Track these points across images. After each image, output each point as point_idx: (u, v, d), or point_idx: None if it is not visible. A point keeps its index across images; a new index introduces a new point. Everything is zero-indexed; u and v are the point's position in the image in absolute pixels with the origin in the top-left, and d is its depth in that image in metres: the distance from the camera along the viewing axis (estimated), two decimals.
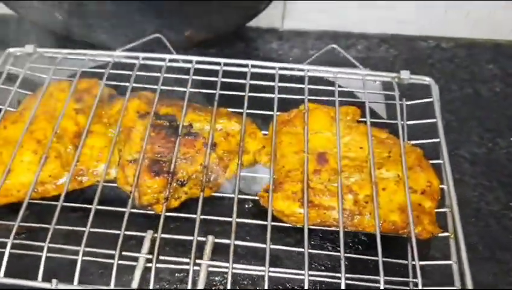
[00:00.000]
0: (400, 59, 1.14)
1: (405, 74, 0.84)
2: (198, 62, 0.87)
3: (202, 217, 0.68)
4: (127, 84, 0.83)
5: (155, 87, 0.83)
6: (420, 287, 0.63)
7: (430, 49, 1.18)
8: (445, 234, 0.70)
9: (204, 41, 1.09)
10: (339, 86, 0.83)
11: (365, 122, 0.79)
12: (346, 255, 0.65)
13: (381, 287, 0.62)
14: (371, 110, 0.82)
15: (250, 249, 0.72)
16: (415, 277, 0.65)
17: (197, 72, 0.86)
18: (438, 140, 0.77)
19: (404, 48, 1.18)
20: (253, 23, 1.13)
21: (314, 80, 0.86)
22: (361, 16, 1.17)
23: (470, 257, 0.64)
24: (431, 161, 0.77)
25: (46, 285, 0.63)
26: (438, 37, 1.20)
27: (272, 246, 0.66)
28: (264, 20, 1.16)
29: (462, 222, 0.68)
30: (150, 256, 0.65)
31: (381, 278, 0.62)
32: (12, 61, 0.88)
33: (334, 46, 0.91)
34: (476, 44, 1.19)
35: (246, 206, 0.78)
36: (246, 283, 0.72)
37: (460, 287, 0.65)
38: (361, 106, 0.83)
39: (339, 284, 0.62)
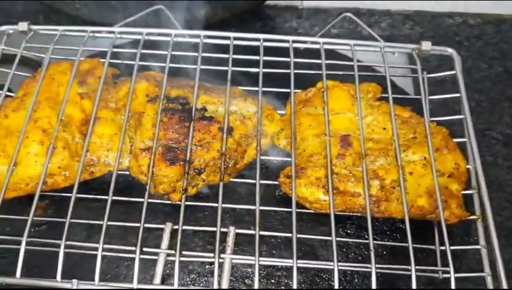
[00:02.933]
0: (425, 36, 1.13)
1: (426, 45, 0.83)
2: (206, 37, 0.85)
3: (224, 205, 0.69)
4: (132, 62, 0.82)
5: (163, 65, 0.82)
6: (452, 275, 0.64)
7: (457, 26, 1.17)
8: (473, 217, 0.71)
9: (221, 20, 1.07)
10: (357, 61, 0.82)
11: (386, 98, 0.78)
12: (377, 242, 0.66)
13: (413, 275, 0.63)
14: (394, 84, 0.81)
15: (277, 238, 0.72)
16: (443, 262, 0.66)
17: (206, 48, 0.84)
18: (462, 116, 0.77)
19: (429, 25, 1.17)
20: (271, 1, 1.11)
21: (331, 55, 0.84)
22: None
23: (503, 242, 0.65)
24: (456, 140, 0.77)
25: (67, 285, 0.62)
26: (464, 13, 1.19)
27: (299, 235, 0.66)
28: None
29: (496, 206, 0.68)
30: (172, 251, 0.66)
31: (413, 267, 0.63)
32: (5, 40, 0.85)
33: (348, 14, 0.89)
34: (505, 20, 1.18)
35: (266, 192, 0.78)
36: (280, 274, 0.73)
37: (490, 273, 0.66)
38: (381, 81, 0.82)
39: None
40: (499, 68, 1.08)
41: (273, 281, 0.72)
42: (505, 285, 0.63)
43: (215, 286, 0.63)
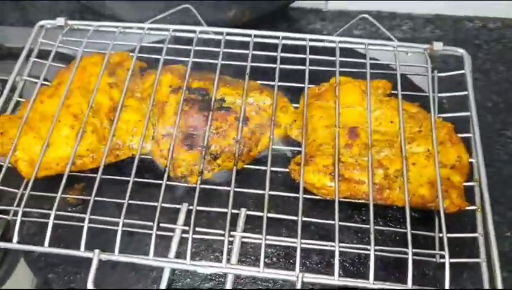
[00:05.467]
0: (445, 39, 1.17)
1: (437, 46, 0.89)
2: (228, 34, 0.92)
3: (236, 189, 0.75)
4: (158, 56, 0.90)
5: (186, 59, 0.89)
6: (447, 259, 0.69)
7: (476, 30, 1.22)
8: (472, 207, 0.77)
9: (248, 22, 1.13)
10: (373, 59, 0.88)
11: (397, 94, 0.84)
12: (379, 227, 0.71)
13: (410, 259, 0.68)
14: (410, 82, 0.87)
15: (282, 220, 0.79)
16: (442, 249, 0.71)
17: (228, 44, 0.91)
18: (468, 113, 0.82)
19: (449, 28, 1.23)
20: (296, 3, 1.19)
21: (346, 53, 0.91)
22: None
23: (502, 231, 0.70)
24: (462, 135, 0.82)
25: (89, 254, 0.69)
26: (484, 17, 1.24)
27: (304, 219, 0.72)
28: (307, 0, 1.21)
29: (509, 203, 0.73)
30: (186, 227, 0.73)
31: (410, 250, 0.68)
32: (43, 34, 0.94)
33: (366, 15, 0.96)
34: None
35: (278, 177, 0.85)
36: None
37: (486, 259, 0.71)
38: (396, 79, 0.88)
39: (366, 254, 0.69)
40: None
41: (281, 260, 0.79)
42: (498, 271, 0.68)
43: (224, 261, 0.70)
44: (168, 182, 0.76)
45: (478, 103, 0.84)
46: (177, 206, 0.77)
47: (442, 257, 0.70)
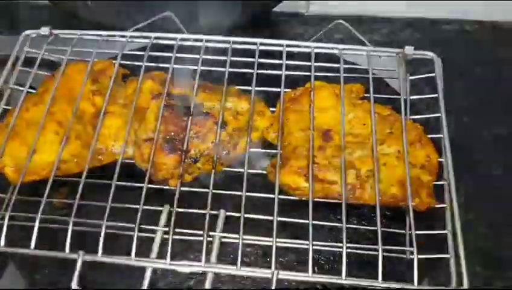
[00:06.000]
0: (423, 42, 1.23)
1: (409, 50, 0.92)
2: (208, 41, 0.96)
3: (214, 191, 0.78)
4: (140, 63, 0.93)
5: (167, 66, 0.92)
6: (416, 255, 0.72)
7: (454, 32, 1.27)
8: (442, 205, 0.80)
9: (232, 26, 1.15)
10: (351, 63, 0.91)
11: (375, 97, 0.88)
12: (351, 226, 0.75)
13: (380, 255, 0.72)
14: (385, 85, 0.90)
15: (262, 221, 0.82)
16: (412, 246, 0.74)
17: (208, 51, 0.94)
18: (439, 115, 0.86)
19: (427, 31, 1.27)
20: (277, 8, 1.22)
21: (322, 58, 0.94)
22: None
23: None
24: (436, 136, 0.86)
25: (74, 255, 0.72)
26: (461, 20, 1.28)
27: (279, 219, 0.76)
28: (288, 4, 1.24)
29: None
30: (166, 229, 0.76)
31: (380, 247, 0.72)
32: (29, 43, 0.97)
33: (341, 21, 0.99)
34: (500, 26, 1.27)
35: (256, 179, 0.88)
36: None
37: (454, 255, 0.74)
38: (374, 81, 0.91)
39: (341, 252, 0.73)
40: (493, 72, 1.17)
41: (259, 259, 0.83)
42: (463, 266, 0.71)
43: (203, 261, 0.73)
44: (149, 185, 0.79)
45: (455, 104, 0.88)
46: (159, 208, 0.80)
47: (412, 253, 0.74)
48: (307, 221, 0.74)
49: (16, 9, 1.26)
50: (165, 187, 0.86)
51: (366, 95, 0.91)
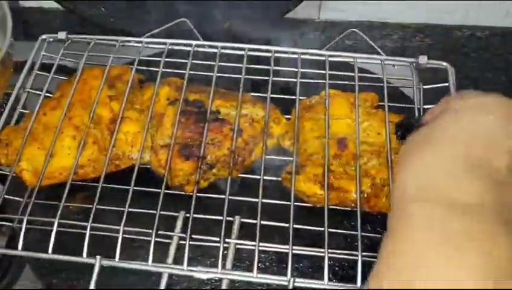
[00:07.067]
0: (434, 48, 1.24)
1: (422, 59, 0.93)
2: (223, 48, 0.97)
3: (230, 197, 0.79)
4: (156, 69, 0.94)
5: (183, 72, 0.93)
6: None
7: (465, 38, 1.27)
8: None
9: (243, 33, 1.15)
10: (364, 71, 0.93)
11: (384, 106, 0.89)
12: (366, 234, 0.76)
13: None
14: (400, 93, 0.91)
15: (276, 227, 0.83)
16: None
17: (223, 57, 0.96)
18: None
19: (438, 37, 1.27)
20: (289, 14, 1.22)
21: (336, 66, 0.95)
22: (398, 5, 1.26)
23: None
24: None
25: (91, 260, 0.73)
26: (472, 26, 1.29)
27: (296, 226, 0.77)
28: (300, 11, 1.25)
29: None
30: (183, 235, 0.77)
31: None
32: (45, 48, 0.99)
33: (355, 30, 1.00)
34: (510, 32, 1.28)
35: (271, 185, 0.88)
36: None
37: None
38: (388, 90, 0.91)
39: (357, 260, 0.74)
40: (503, 78, 1.18)
41: (274, 265, 0.84)
42: None
43: (220, 267, 0.74)
44: (166, 191, 0.80)
45: None
46: (175, 214, 0.81)
47: None
48: (322, 228, 0.75)
49: (30, 15, 1.27)
50: (181, 193, 0.86)
51: (380, 103, 0.92)
